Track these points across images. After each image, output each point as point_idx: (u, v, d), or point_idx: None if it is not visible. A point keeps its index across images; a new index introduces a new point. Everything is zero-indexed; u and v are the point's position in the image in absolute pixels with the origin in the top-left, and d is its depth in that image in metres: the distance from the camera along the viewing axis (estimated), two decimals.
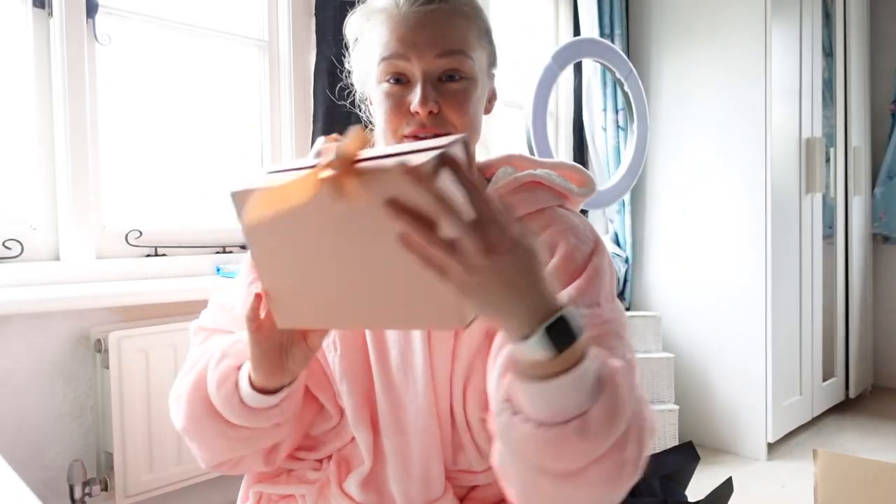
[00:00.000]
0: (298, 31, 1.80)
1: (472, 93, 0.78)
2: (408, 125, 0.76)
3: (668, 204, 2.75)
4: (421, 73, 0.75)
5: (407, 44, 0.75)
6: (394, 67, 0.76)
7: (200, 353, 0.82)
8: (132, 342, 1.30)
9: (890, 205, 3.33)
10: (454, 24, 0.77)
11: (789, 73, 2.64)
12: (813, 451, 1.38)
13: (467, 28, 0.78)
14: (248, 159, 1.81)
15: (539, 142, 1.92)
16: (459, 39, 0.77)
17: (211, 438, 0.77)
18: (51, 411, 1.30)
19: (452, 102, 0.76)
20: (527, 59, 2.77)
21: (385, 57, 0.76)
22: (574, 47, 2.02)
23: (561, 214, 0.81)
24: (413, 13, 0.75)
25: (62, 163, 1.41)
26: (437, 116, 0.75)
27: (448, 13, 0.77)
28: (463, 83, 0.77)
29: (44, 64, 1.40)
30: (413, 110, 0.74)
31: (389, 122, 0.77)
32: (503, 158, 0.89)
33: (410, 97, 0.75)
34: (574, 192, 0.85)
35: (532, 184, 0.83)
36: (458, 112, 0.76)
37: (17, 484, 0.60)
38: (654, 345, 2.55)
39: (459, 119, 0.76)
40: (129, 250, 1.53)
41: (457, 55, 0.76)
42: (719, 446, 2.62)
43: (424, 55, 0.75)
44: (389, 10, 0.77)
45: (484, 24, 0.83)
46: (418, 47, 0.75)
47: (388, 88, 0.77)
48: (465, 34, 0.78)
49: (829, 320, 3.03)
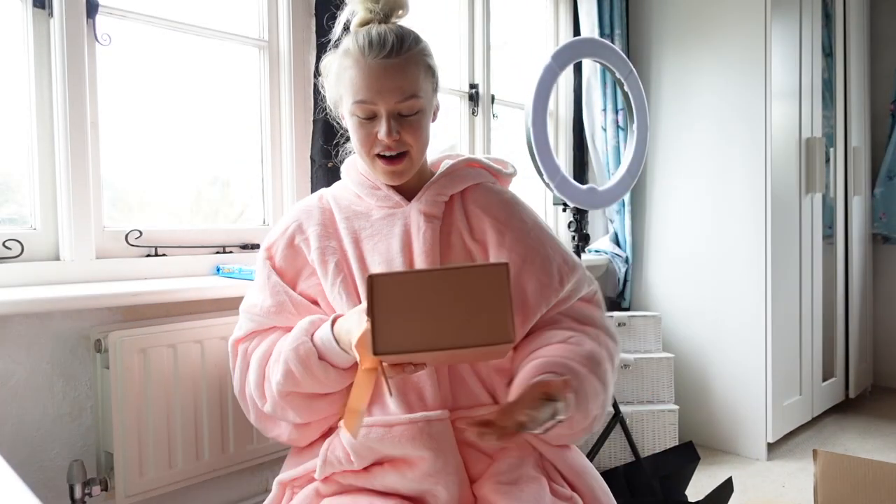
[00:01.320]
0: (298, 31, 1.80)
1: (423, 119, 1.06)
2: (377, 147, 1.05)
3: (667, 204, 2.75)
4: (385, 112, 1.02)
5: (373, 91, 1.01)
6: (364, 110, 1.03)
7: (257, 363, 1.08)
8: (132, 342, 1.30)
9: (890, 205, 3.34)
10: (408, 73, 1.02)
11: (789, 74, 2.64)
12: (813, 451, 1.38)
13: (417, 72, 1.04)
14: (248, 159, 1.81)
15: (539, 142, 1.92)
16: (412, 85, 1.03)
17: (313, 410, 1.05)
18: (51, 411, 1.30)
19: (409, 130, 1.04)
20: (527, 59, 2.77)
21: (357, 101, 1.02)
22: (574, 47, 2.02)
23: (493, 185, 1.18)
24: (376, 64, 1.01)
25: (62, 163, 1.41)
26: (398, 141, 1.03)
27: (403, 64, 1.02)
28: (417, 115, 1.05)
29: (44, 64, 1.40)
30: (380, 138, 1.03)
31: (363, 146, 1.06)
32: (445, 155, 1.22)
33: (377, 128, 1.03)
34: (503, 172, 1.23)
35: (471, 164, 1.19)
36: (414, 136, 1.05)
37: (17, 484, 0.60)
38: (654, 345, 2.55)
39: (415, 141, 1.05)
40: (129, 250, 1.53)
41: (411, 98, 1.03)
42: (719, 446, 2.62)
43: (387, 100, 1.01)
44: (356, 56, 1.02)
45: (429, 60, 1.07)
46: (382, 94, 1.01)
47: (359, 122, 1.04)
48: (416, 79, 1.03)
49: (829, 320, 3.03)
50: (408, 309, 0.77)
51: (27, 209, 1.42)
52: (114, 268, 1.47)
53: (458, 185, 1.13)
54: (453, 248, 1.09)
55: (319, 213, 1.14)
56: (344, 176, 1.18)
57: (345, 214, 1.12)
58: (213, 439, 1.42)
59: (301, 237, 1.12)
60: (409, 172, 1.08)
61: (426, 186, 1.11)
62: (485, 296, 0.76)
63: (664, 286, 2.77)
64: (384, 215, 1.10)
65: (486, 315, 0.75)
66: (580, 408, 0.97)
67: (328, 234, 1.11)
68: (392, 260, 1.05)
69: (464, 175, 1.14)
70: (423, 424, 0.97)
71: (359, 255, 1.07)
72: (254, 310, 1.11)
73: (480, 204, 1.12)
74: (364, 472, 1.02)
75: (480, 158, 1.20)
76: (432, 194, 1.10)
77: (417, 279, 0.78)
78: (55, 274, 1.39)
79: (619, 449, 2.38)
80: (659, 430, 2.42)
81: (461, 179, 1.14)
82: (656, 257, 2.79)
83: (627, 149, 2.21)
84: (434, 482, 0.96)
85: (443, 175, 1.13)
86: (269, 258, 1.13)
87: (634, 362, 2.46)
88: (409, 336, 0.77)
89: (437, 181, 1.12)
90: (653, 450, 2.40)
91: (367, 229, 1.10)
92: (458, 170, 1.15)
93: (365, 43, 1.01)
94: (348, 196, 1.15)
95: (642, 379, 2.46)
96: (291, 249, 1.12)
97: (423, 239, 1.05)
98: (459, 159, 1.17)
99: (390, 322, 0.78)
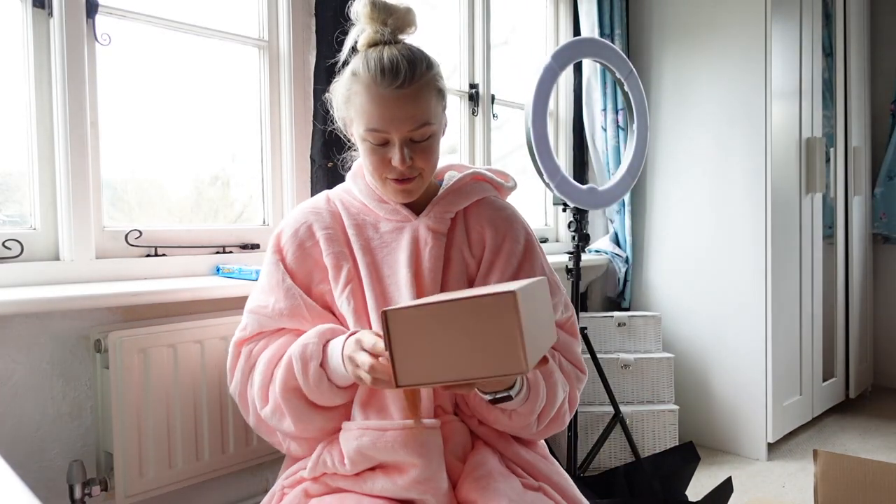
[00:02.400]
0: (298, 31, 1.80)
1: (434, 143, 1.07)
2: (390, 172, 1.06)
3: (668, 204, 2.75)
4: (398, 141, 1.02)
5: (386, 121, 1.01)
6: (376, 137, 1.03)
7: (265, 365, 1.07)
8: (132, 342, 1.30)
9: (890, 205, 3.33)
10: (420, 102, 1.02)
11: (789, 73, 2.64)
12: (813, 451, 1.38)
13: (429, 98, 1.03)
14: (248, 159, 1.81)
15: (539, 142, 1.92)
16: (425, 113, 1.02)
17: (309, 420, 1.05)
18: (50, 411, 1.30)
19: (422, 155, 1.05)
20: (527, 59, 2.77)
21: (370, 129, 1.02)
22: (574, 47, 2.01)
23: (495, 200, 1.20)
24: (389, 94, 1.00)
25: (62, 163, 1.41)
26: (411, 166, 1.04)
27: (415, 92, 1.01)
28: (429, 140, 1.05)
29: (43, 64, 1.40)
30: (394, 165, 1.04)
31: (376, 171, 1.07)
32: (447, 167, 1.24)
33: (390, 154, 1.03)
34: (504, 186, 1.24)
35: (476, 178, 1.20)
36: (425, 161, 1.06)
37: (17, 484, 0.60)
38: (654, 345, 2.55)
39: (426, 164, 1.06)
40: (128, 250, 1.53)
41: (424, 126, 1.03)
42: (719, 446, 2.62)
43: (400, 129, 1.01)
44: (367, 82, 1.01)
45: (439, 83, 1.07)
46: (395, 124, 1.01)
47: (372, 147, 1.04)
48: (428, 105, 1.03)
49: (829, 320, 3.03)
50: (423, 341, 0.80)
51: (27, 209, 1.42)
52: (114, 268, 1.47)
53: (464, 201, 1.16)
54: (453, 261, 1.12)
55: (329, 216, 1.14)
56: (350, 183, 1.18)
57: (354, 221, 1.13)
58: (212, 439, 1.42)
59: (311, 240, 1.12)
60: (418, 192, 1.10)
61: (434, 203, 1.14)
62: (495, 326, 0.77)
63: (664, 286, 2.77)
64: (392, 228, 1.12)
65: (499, 345, 0.77)
66: (526, 406, 1.02)
67: (338, 239, 1.12)
68: (399, 272, 1.08)
69: (469, 191, 1.17)
70: (416, 431, 0.99)
71: (368, 263, 1.09)
72: (264, 311, 1.10)
73: (481, 220, 1.15)
74: (354, 476, 1.02)
75: (484, 172, 1.22)
76: (440, 211, 1.13)
77: (430, 312, 0.80)
78: (55, 274, 1.39)
79: (619, 449, 2.38)
80: (659, 430, 2.42)
81: (466, 196, 1.16)
82: (656, 257, 2.79)
83: (627, 149, 2.21)
84: (423, 490, 0.98)
85: (450, 191, 1.15)
86: (281, 259, 1.13)
87: (634, 362, 2.46)
88: (426, 368, 0.80)
89: (445, 197, 1.14)
90: (653, 450, 2.40)
91: (377, 240, 1.12)
92: (464, 185, 1.17)
93: (377, 71, 1.00)
94: (356, 204, 1.16)
95: (642, 379, 2.46)
96: (302, 251, 1.11)
97: (429, 255, 1.09)
98: (466, 173, 1.19)
99: (408, 355, 0.80)
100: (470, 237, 1.15)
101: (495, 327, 0.77)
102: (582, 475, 2.08)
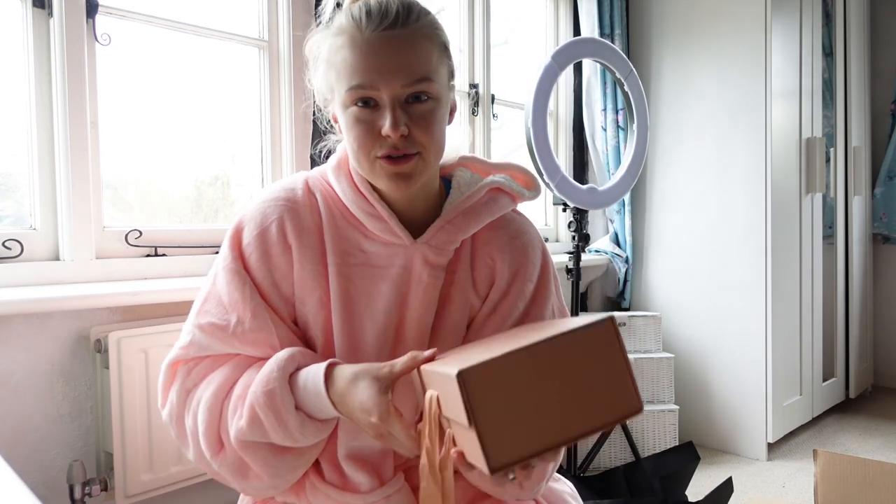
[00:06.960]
0: (298, 31, 1.80)
1: (438, 112, 0.82)
2: (380, 147, 0.80)
3: (667, 204, 2.75)
4: (389, 99, 0.78)
5: (374, 73, 0.77)
6: (363, 94, 0.79)
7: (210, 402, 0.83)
8: (132, 342, 1.30)
9: (890, 205, 3.33)
10: (418, 48, 0.79)
11: (789, 74, 2.64)
12: (813, 451, 1.38)
13: (430, 50, 0.81)
14: (248, 159, 1.81)
15: (539, 142, 1.92)
16: (424, 65, 0.79)
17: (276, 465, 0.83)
18: (50, 411, 1.30)
19: (421, 123, 0.80)
20: (527, 59, 2.77)
21: (353, 86, 0.78)
22: (574, 47, 2.01)
23: (511, 221, 0.94)
24: (377, 38, 0.77)
25: (62, 163, 1.41)
26: (407, 138, 0.79)
27: (411, 37, 0.79)
28: (429, 104, 0.81)
29: (43, 64, 1.40)
30: (384, 134, 0.78)
31: (362, 147, 0.80)
32: (458, 161, 0.96)
33: (380, 121, 0.78)
34: (525, 195, 0.96)
35: (494, 190, 0.93)
36: (426, 132, 0.80)
37: (17, 484, 0.60)
38: (654, 345, 2.55)
39: (427, 139, 0.81)
40: (128, 250, 1.53)
41: (422, 82, 0.79)
42: (719, 446, 2.62)
43: (392, 83, 0.78)
44: (351, 32, 0.79)
45: (443, 40, 0.85)
46: (385, 76, 0.77)
47: (357, 113, 0.80)
48: (429, 57, 0.80)
49: (829, 320, 3.03)
50: (515, 403, 0.62)
51: (27, 209, 1.42)
52: (113, 268, 1.47)
53: (475, 226, 0.90)
54: (453, 303, 0.90)
55: (308, 212, 0.88)
56: (333, 180, 0.89)
57: (334, 228, 0.87)
58: None
59: (281, 246, 0.86)
60: (418, 178, 0.82)
61: (438, 227, 0.88)
62: (598, 362, 0.63)
63: (664, 286, 2.77)
64: (380, 250, 0.87)
65: (606, 386, 0.64)
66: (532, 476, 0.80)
67: (313, 250, 0.86)
68: (375, 315, 0.86)
69: (483, 211, 0.91)
70: (381, 502, 0.84)
71: (342, 292, 0.85)
72: (220, 331, 0.85)
73: (492, 250, 0.91)
74: None
75: (502, 181, 0.94)
76: (443, 240, 0.87)
77: (516, 362, 0.62)
78: (55, 274, 1.39)
79: (619, 449, 2.38)
80: (659, 430, 2.42)
81: (479, 218, 0.90)
82: (656, 257, 2.79)
83: (627, 149, 2.21)
84: None
85: (460, 212, 0.89)
86: (244, 265, 0.86)
87: (634, 362, 2.46)
88: (525, 436, 0.62)
89: (454, 221, 0.88)
90: (653, 450, 2.40)
91: (358, 260, 0.87)
92: (479, 205, 0.91)
93: (361, 13, 0.79)
94: (339, 206, 0.89)
95: (642, 379, 2.46)
96: (268, 258, 0.86)
97: (421, 297, 0.86)
98: (482, 185, 0.92)
99: (499, 425, 0.62)
100: (475, 271, 0.91)
101: (596, 365, 0.64)
102: (582, 475, 2.08)
